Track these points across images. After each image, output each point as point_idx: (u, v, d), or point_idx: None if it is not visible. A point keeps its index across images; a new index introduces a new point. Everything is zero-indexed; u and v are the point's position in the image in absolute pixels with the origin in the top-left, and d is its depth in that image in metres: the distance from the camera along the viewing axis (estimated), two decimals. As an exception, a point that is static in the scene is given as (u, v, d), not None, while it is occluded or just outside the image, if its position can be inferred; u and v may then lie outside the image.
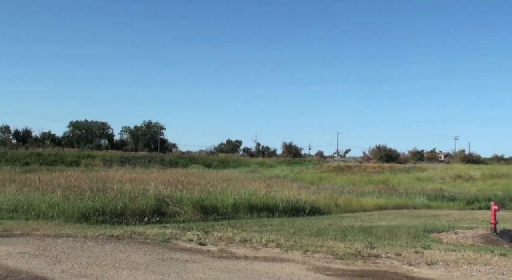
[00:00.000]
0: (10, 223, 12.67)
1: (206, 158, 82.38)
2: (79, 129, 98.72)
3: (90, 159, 63.40)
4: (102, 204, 14.42)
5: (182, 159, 76.05)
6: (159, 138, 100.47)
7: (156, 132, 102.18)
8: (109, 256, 8.63)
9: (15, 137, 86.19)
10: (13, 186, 19.17)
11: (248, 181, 29.02)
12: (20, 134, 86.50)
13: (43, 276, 7.04)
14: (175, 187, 20.79)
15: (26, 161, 57.87)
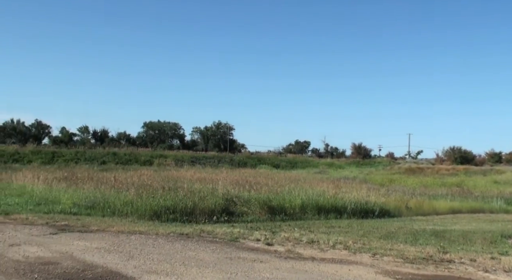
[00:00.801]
0: (88, 219, 13.29)
1: (274, 158, 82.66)
2: (152, 130, 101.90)
3: (162, 158, 65.31)
4: (173, 203, 14.82)
5: (251, 159, 76.77)
6: (228, 139, 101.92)
7: (226, 132, 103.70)
8: (179, 254, 8.85)
9: (93, 137, 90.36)
10: (91, 184, 20.10)
11: (316, 182, 28.85)
12: (98, 134, 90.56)
13: (117, 271, 7.32)
14: (243, 187, 21.04)
15: (103, 160, 60.49)
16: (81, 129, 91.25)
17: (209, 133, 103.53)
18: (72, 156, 60.43)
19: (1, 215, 13.54)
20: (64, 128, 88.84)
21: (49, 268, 7.41)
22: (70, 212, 14.43)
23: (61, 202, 15.67)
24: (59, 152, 62.26)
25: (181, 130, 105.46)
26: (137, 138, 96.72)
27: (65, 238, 10.26)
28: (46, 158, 57.16)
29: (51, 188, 18.63)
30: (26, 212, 14.08)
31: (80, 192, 17.54)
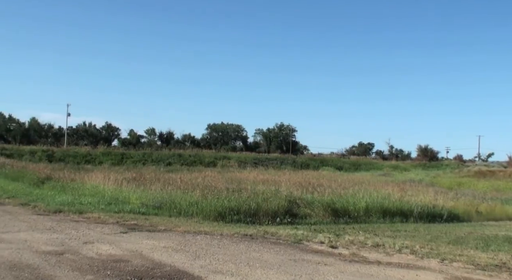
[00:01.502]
0: (155, 219, 13.68)
1: (337, 160, 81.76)
2: (216, 132, 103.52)
3: (225, 160, 66.17)
4: (237, 204, 14.98)
5: (313, 161, 76.34)
6: (290, 140, 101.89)
7: (288, 134, 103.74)
8: (243, 254, 8.94)
9: (159, 139, 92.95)
10: (158, 184, 20.65)
11: (380, 184, 28.28)
12: (164, 136, 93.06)
13: (184, 270, 7.49)
14: (306, 189, 20.95)
15: (169, 161, 62.02)
16: (148, 131, 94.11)
17: (271, 135, 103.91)
18: (140, 158, 62.36)
19: (76, 213, 14.20)
20: (132, 130, 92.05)
21: (120, 265, 7.70)
22: (139, 211, 14.90)
23: (130, 202, 16.22)
24: (128, 154, 64.44)
25: (244, 132, 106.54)
26: (201, 140, 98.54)
27: (135, 237, 10.62)
28: (116, 159, 59.32)
29: (121, 189, 19.31)
30: (98, 211, 14.68)
31: (148, 192, 18.06)
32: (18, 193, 19.55)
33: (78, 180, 22.89)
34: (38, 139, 78.95)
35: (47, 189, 20.65)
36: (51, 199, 17.30)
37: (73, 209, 14.91)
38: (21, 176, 25.78)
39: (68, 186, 20.65)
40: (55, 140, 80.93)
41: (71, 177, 24.03)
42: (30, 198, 17.84)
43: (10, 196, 18.65)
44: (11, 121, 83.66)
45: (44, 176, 23.99)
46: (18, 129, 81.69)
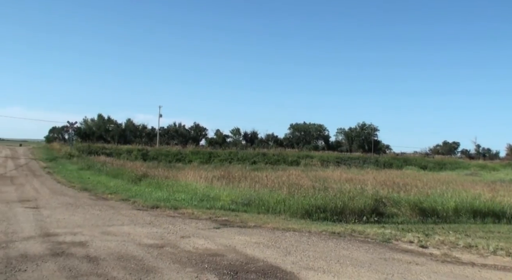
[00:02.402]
0: (245, 215, 13.91)
1: (421, 159, 78.83)
2: (298, 131, 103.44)
3: (308, 159, 65.89)
4: (323, 202, 14.88)
5: (396, 160, 74.13)
6: (372, 140, 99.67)
7: (370, 133, 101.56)
8: (332, 252, 8.88)
9: (244, 139, 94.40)
10: (245, 182, 21.00)
11: (468, 184, 26.88)
12: (248, 135, 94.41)
13: (277, 266, 7.56)
14: (392, 188, 20.41)
15: (254, 160, 62.77)
16: (233, 131, 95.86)
17: (353, 134, 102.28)
18: (226, 156, 63.60)
19: (171, 209, 14.77)
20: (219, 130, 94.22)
21: (216, 259, 7.91)
22: (229, 208, 15.23)
23: (221, 199, 16.60)
24: (215, 153, 65.96)
25: (326, 131, 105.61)
26: (284, 139, 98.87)
27: (227, 232, 10.87)
28: (204, 158, 60.91)
29: (211, 186, 19.83)
30: (192, 207, 15.16)
31: (236, 190, 18.40)
32: (118, 189, 20.63)
33: (171, 177, 23.76)
34: (134, 139, 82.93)
35: (144, 185, 21.61)
36: (148, 195, 18.10)
37: (169, 205, 15.51)
38: (120, 173, 27.15)
39: (163, 183, 21.48)
40: (148, 139, 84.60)
41: (165, 174, 24.99)
42: (129, 194, 18.77)
43: (112, 192, 19.75)
44: (110, 123, 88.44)
45: (140, 174, 25.12)
46: (116, 130, 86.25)
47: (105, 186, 22.28)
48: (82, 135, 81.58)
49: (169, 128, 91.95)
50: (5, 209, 13.71)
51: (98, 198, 17.99)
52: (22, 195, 18.00)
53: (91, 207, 15.00)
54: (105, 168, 31.26)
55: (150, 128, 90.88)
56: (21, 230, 10.30)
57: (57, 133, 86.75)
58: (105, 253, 8.08)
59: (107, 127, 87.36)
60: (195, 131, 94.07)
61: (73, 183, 24.62)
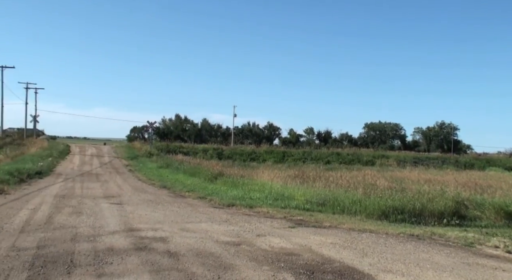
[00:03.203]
0: (320, 215, 13.82)
1: (505, 160, 74.49)
2: (373, 130, 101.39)
3: (384, 159, 64.36)
4: (400, 203, 14.46)
5: (478, 161, 70.58)
6: (452, 139, 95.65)
7: (449, 132, 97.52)
8: (412, 255, 8.61)
9: (317, 138, 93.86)
10: (319, 182, 20.87)
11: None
12: (322, 135, 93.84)
13: (354, 267, 7.45)
14: (474, 190, 19.48)
15: (328, 159, 62.23)
16: (307, 131, 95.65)
17: (431, 133, 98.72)
18: (300, 156, 63.51)
19: (247, 208, 14.97)
20: (292, 130, 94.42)
21: (292, 258, 7.92)
22: (304, 208, 15.18)
23: (295, 198, 16.58)
24: (288, 152, 66.05)
25: (402, 130, 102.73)
26: (358, 139, 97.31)
27: (302, 232, 10.85)
28: (278, 157, 61.18)
29: (285, 185, 19.87)
30: (267, 206, 15.27)
31: (311, 189, 18.30)
32: (195, 187, 21.16)
33: (246, 176, 24.05)
34: (209, 138, 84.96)
35: (220, 184, 22.02)
36: (224, 193, 18.43)
37: (244, 203, 15.72)
38: (197, 172, 27.84)
39: (238, 182, 21.78)
40: (223, 139, 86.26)
41: (240, 173, 25.34)
42: (206, 192, 19.22)
43: (189, 190, 20.32)
44: (187, 122, 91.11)
45: (216, 172, 25.62)
46: (192, 130, 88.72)
47: (182, 184, 22.95)
48: (160, 134, 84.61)
49: (243, 127, 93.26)
50: (92, 205, 14.50)
51: (177, 196, 18.58)
52: (107, 192, 18.94)
53: (170, 204, 15.52)
54: (182, 167, 32.18)
55: (225, 127, 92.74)
56: (107, 224, 10.84)
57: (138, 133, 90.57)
58: (184, 249, 8.33)
59: (184, 127, 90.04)
60: (269, 130, 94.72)
61: (153, 180, 25.59)
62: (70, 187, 20.24)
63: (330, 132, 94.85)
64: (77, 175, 27.82)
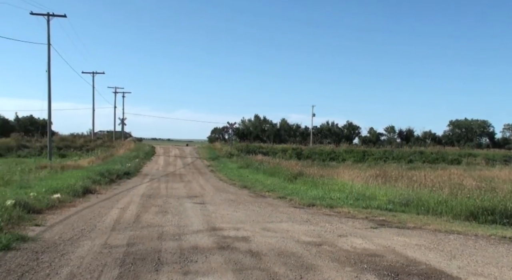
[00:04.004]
0: (403, 216, 13.38)
1: None
2: (458, 128, 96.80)
3: (471, 157, 61.29)
4: (490, 204, 13.65)
5: None
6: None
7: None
8: (504, 258, 8.13)
9: (399, 137, 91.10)
10: (402, 182, 20.26)
11: None
12: (403, 133, 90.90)
13: (441, 270, 7.15)
14: None
15: (410, 158, 60.26)
16: (388, 129, 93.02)
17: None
18: (381, 155, 62.02)
19: (327, 208, 14.83)
20: (372, 128, 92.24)
21: (375, 260, 7.74)
22: (386, 208, 14.77)
23: (377, 199, 16.17)
24: (369, 151, 64.70)
25: (491, 127, 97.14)
26: (442, 137, 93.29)
27: (385, 232, 10.57)
28: (358, 157, 60.14)
29: (367, 185, 19.47)
30: (347, 206, 15.03)
31: (393, 189, 17.81)
32: (275, 187, 21.27)
33: (326, 176, 23.84)
34: (288, 138, 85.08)
35: (299, 184, 21.99)
36: (304, 193, 18.36)
37: (324, 203, 15.57)
38: (276, 172, 28.00)
39: (318, 181, 21.64)
40: (302, 139, 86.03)
41: (320, 173, 25.16)
42: (285, 192, 19.25)
43: (269, 189, 20.47)
44: (265, 123, 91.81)
45: (296, 172, 25.61)
46: (271, 130, 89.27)
47: (262, 184, 23.16)
48: (240, 135, 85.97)
49: (322, 127, 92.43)
50: (176, 204, 15.00)
51: (257, 196, 18.78)
52: (190, 192, 19.53)
53: (251, 204, 15.72)
54: (262, 167, 32.50)
55: (304, 127, 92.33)
56: (191, 224, 11.17)
57: (218, 134, 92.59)
58: (266, 249, 8.39)
59: (263, 127, 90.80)
60: (348, 129, 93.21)
61: (233, 180, 26.07)
62: (156, 187, 21.09)
63: (412, 130, 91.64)
64: (162, 175, 28.94)
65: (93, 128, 70.21)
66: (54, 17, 38.34)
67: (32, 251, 7.82)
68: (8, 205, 10.84)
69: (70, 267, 6.92)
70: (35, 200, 12.75)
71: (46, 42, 38.14)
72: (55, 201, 13.69)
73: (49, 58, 38.17)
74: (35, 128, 65.56)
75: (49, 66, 38.27)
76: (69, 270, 6.76)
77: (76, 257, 7.53)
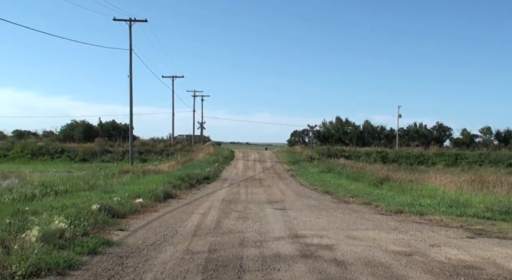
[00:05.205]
0: (504, 225, 12.60)
1: None
2: None
3: None
4: None
5: None
6: None
7: None
8: None
9: (496, 138, 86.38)
10: (501, 188, 19.15)
11: None
12: (501, 135, 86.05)
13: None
14: None
15: (510, 162, 56.84)
16: (483, 130, 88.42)
17: None
18: (475, 158, 59.09)
19: (416, 215, 14.33)
20: (465, 129, 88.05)
21: (473, 272, 7.37)
22: (483, 216, 14.00)
23: (473, 206, 15.40)
24: (462, 154, 61.83)
25: None
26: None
27: (483, 243, 10.04)
28: (449, 161, 57.71)
29: (460, 191, 18.62)
30: (439, 213, 14.43)
31: (491, 196, 16.90)
32: (359, 192, 20.90)
33: (414, 181, 23.08)
34: (372, 141, 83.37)
35: (385, 189, 21.45)
36: (391, 199, 17.87)
37: (413, 210, 15.06)
38: (360, 176, 27.52)
39: (406, 187, 21.01)
40: (387, 141, 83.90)
41: (408, 178, 24.39)
42: (371, 197, 18.85)
43: (353, 195, 20.14)
44: (348, 125, 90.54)
45: (381, 177, 25.03)
46: (354, 132, 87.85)
47: (345, 189, 22.84)
48: (321, 138, 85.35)
49: (409, 128, 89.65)
50: (257, 210, 15.15)
51: (340, 201, 18.56)
52: (270, 197, 19.66)
53: (334, 210, 15.55)
54: (345, 171, 32.07)
55: (389, 129, 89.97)
56: (272, 230, 11.22)
57: (298, 137, 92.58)
58: (352, 258, 8.25)
59: (345, 130, 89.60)
60: (438, 131, 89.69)
61: (315, 185, 25.94)
62: (235, 192, 21.43)
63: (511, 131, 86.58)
64: (241, 180, 29.37)
65: (172, 133, 72.69)
66: (136, 23, 40.08)
67: (117, 255, 8.21)
68: (94, 209, 11.48)
69: (153, 272, 7.18)
70: (118, 204, 13.39)
71: (128, 48, 39.93)
72: (138, 205, 14.30)
73: (131, 63, 39.90)
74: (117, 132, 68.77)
75: (130, 71, 40.00)
76: (152, 275, 7.02)
77: (159, 262, 7.80)
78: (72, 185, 19.46)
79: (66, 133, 73.29)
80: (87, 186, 19.40)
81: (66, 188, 18.49)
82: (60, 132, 75.27)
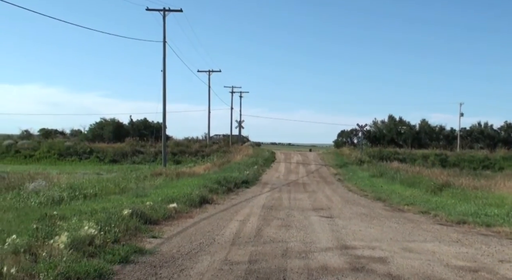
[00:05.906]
0: None
1: None
2: None
3: None
4: None
5: None
6: None
7: None
8: None
9: None
10: None
11: None
12: None
13: None
14: None
15: None
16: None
17: None
18: (550, 163, 57.28)
19: (482, 226, 13.96)
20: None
21: (549, 293, 7.13)
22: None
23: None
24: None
25: None
26: None
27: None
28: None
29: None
30: (509, 225, 13.97)
31: None
32: (415, 200, 20.54)
33: (479, 187, 22.55)
34: (429, 142, 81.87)
35: (446, 196, 21.04)
36: (452, 208, 17.50)
37: (478, 220, 14.69)
38: (416, 182, 27.07)
39: (469, 194, 20.56)
40: (446, 143, 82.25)
41: (471, 184, 23.86)
42: (429, 206, 18.50)
43: (408, 203, 19.81)
44: (402, 124, 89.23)
45: (441, 183, 24.57)
46: (409, 132, 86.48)
47: (400, 196, 22.51)
48: (371, 138, 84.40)
49: (472, 128, 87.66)
50: (301, 217, 15.11)
51: (394, 209, 18.31)
52: (315, 203, 19.57)
53: (387, 219, 15.35)
54: (398, 176, 31.61)
55: (449, 129, 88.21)
56: (318, 240, 11.17)
57: (346, 137, 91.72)
58: (408, 273, 8.12)
59: (399, 130, 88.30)
60: (506, 131, 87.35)
61: (365, 191, 25.70)
62: (277, 198, 21.43)
63: None
64: (283, 184, 29.37)
65: (208, 132, 73.31)
66: (170, 13, 40.64)
67: (150, 265, 8.32)
68: (125, 214, 11.67)
69: (189, 284, 7.25)
70: (151, 209, 13.58)
71: (162, 40, 40.54)
72: (172, 211, 14.46)
73: (165, 57, 40.53)
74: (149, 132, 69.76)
75: (164, 65, 40.62)
76: (188, 287, 7.08)
77: (196, 273, 7.87)
78: (102, 188, 19.90)
79: (95, 132, 74.76)
80: (117, 190, 19.80)
81: (96, 191, 18.92)
82: (89, 131, 76.83)
